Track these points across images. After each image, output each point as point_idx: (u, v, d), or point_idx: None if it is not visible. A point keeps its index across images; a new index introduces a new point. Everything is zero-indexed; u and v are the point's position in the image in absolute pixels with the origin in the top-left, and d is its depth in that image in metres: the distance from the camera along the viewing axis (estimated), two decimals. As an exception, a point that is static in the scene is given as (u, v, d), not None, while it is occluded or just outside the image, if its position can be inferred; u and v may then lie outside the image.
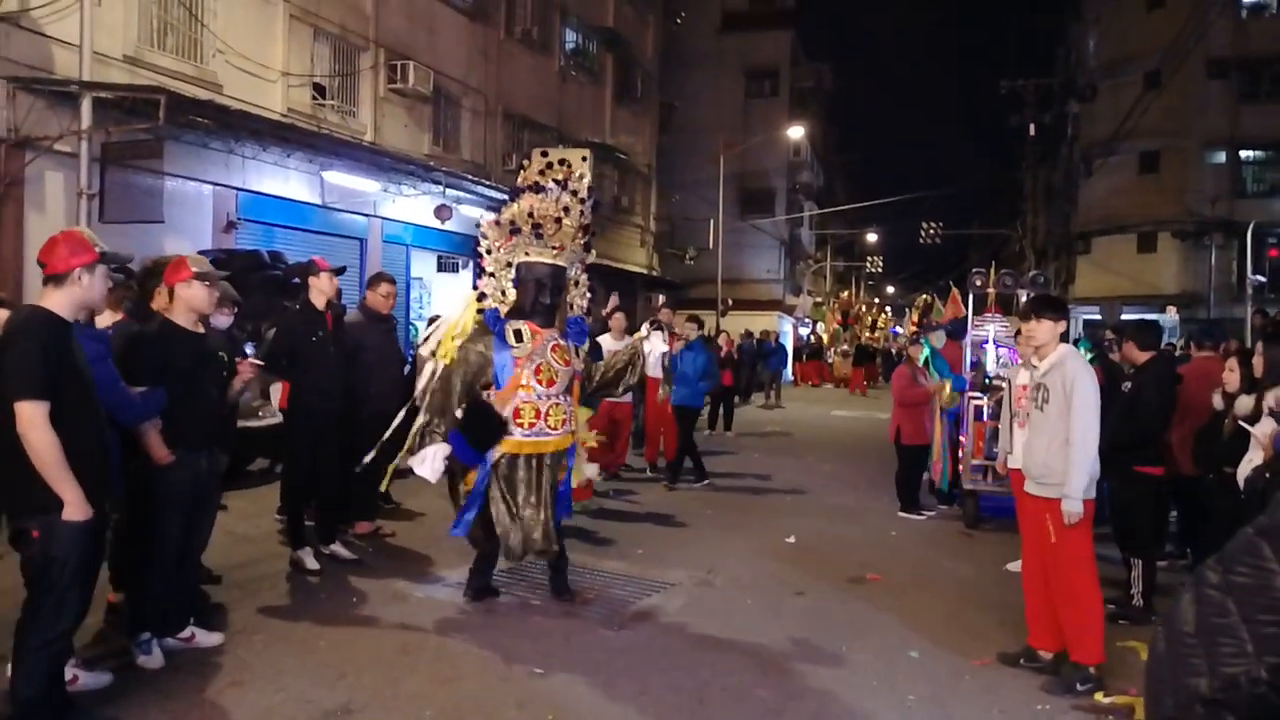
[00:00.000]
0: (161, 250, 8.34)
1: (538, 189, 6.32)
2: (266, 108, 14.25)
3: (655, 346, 9.75)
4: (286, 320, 7.33)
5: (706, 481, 11.49)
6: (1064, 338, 5.60)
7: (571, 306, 6.67)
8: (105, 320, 5.56)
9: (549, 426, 6.21)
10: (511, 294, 6.35)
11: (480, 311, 6.39)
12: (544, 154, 6.53)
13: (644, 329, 7.73)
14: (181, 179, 12.68)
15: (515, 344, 6.19)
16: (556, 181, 6.36)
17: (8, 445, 3.87)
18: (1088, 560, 5.36)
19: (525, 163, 6.55)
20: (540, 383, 6.17)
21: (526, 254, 6.35)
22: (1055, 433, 5.27)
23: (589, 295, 6.87)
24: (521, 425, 6.13)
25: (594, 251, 6.81)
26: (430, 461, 6.00)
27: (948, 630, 6.17)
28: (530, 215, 6.25)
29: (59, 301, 4.09)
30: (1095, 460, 5.25)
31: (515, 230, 6.31)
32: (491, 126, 21.19)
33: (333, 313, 7.20)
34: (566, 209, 6.31)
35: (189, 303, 5.13)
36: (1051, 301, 5.69)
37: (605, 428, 9.66)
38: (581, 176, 6.44)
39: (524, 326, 6.24)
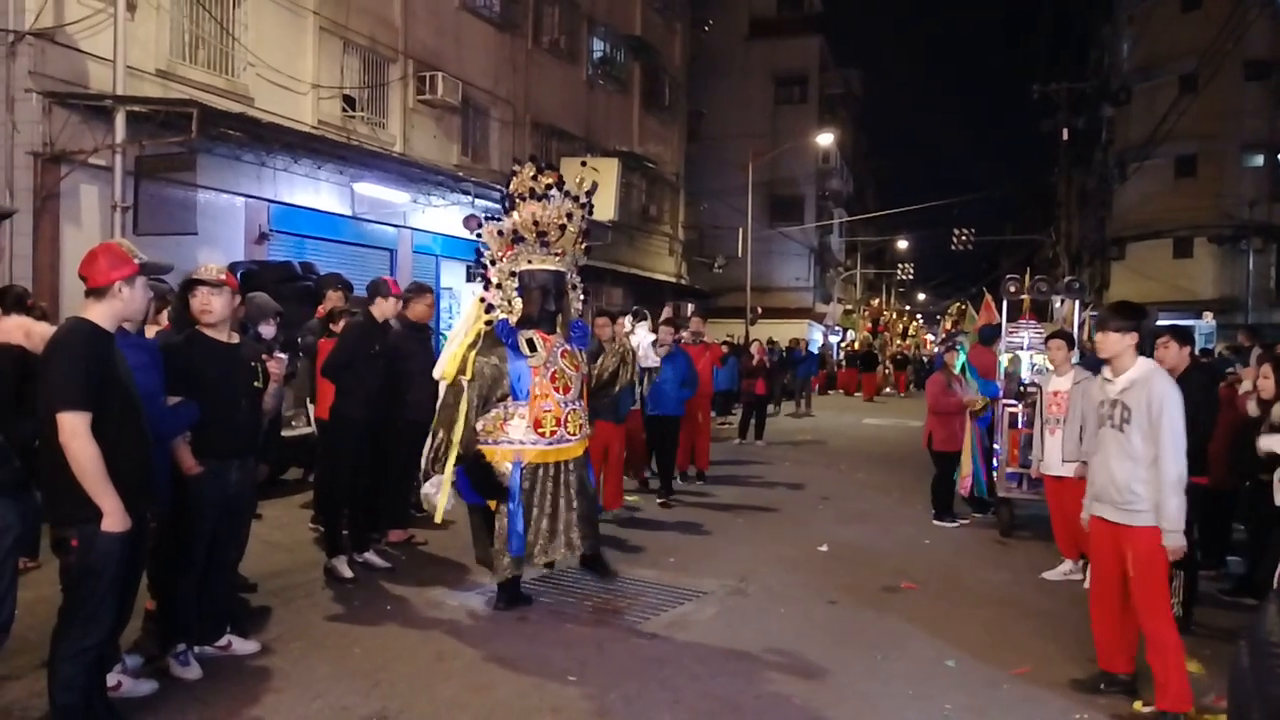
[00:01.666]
0: (195, 262, 8.40)
1: (538, 196, 6.37)
2: (297, 120, 14.38)
3: (642, 338, 9.72)
4: (349, 330, 7.38)
5: (663, 501, 10.57)
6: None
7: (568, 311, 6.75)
8: (150, 330, 5.59)
9: (569, 433, 6.32)
10: (518, 304, 6.41)
11: (488, 323, 6.39)
12: (532, 159, 6.68)
13: (625, 321, 7.75)
14: (214, 191, 12.80)
15: (529, 353, 6.25)
16: (557, 188, 6.42)
17: (51, 455, 3.91)
18: (1166, 597, 5.04)
19: (516, 169, 6.61)
20: (558, 390, 6.27)
21: (529, 261, 6.41)
22: (1139, 455, 4.87)
23: (583, 299, 6.93)
24: (544, 434, 6.22)
25: (589, 253, 6.93)
26: (438, 493, 6.19)
27: (984, 639, 6.10)
28: (535, 223, 6.32)
29: (100, 313, 4.12)
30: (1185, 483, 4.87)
31: (518, 239, 6.37)
32: (520, 136, 21.27)
33: (382, 327, 7.32)
34: (569, 215, 6.40)
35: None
36: (1119, 310, 5.14)
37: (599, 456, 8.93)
38: (581, 182, 6.57)
39: (535, 335, 6.32)
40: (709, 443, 12.90)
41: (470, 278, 20.16)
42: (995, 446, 9.72)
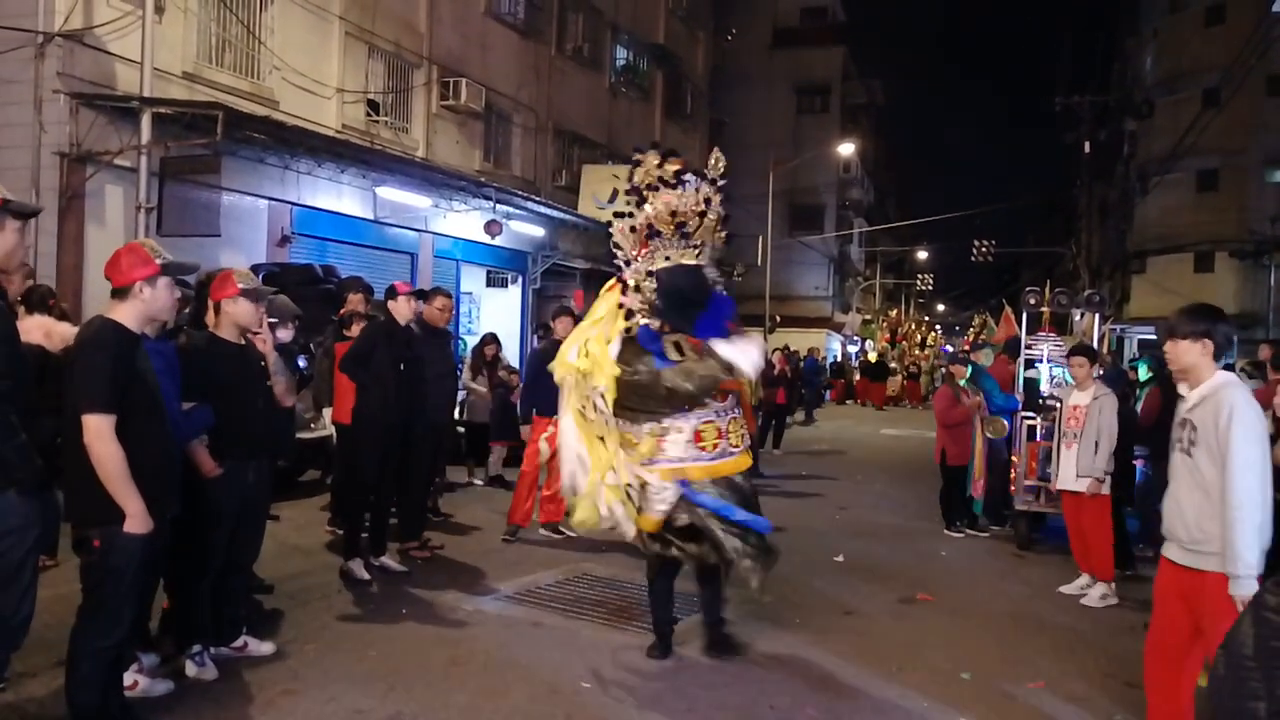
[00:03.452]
0: (218, 263, 8.48)
1: (670, 184, 5.54)
2: (321, 124, 14.47)
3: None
4: (370, 330, 7.41)
5: None
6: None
7: None
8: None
9: (732, 445, 5.58)
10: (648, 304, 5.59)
11: (628, 330, 5.57)
12: (654, 146, 5.81)
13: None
14: (238, 193, 12.88)
15: (679, 359, 5.48)
16: (695, 172, 5.64)
17: (75, 456, 3.94)
18: None
19: (638, 158, 5.72)
20: (714, 397, 5.55)
21: (667, 258, 5.61)
22: (1210, 485, 4.05)
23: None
24: (705, 449, 5.49)
25: (730, 243, 6.04)
26: (622, 521, 5.49)
27: (1000, 653, 6.07)
28: (672, 214, 5.53)
29: (125, 314, 4.15)
30: (1268, 524, 3.96)
31: (654, 234, 5.59)
32: (542, 143, 21.34)
33: (407, 333, 7.33)
34: (708, 200, 5.62)
35: (235, 319, 5.17)
36: (1191, 313, 4.32)
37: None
38: (718, 162, 5.78)
39: (682, 339, 5.55)
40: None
41: (491, 282, 20.29)
42: (1013, 459, 9.67)
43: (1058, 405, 8.21)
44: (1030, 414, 9.53)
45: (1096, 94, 33.32)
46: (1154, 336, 26.90)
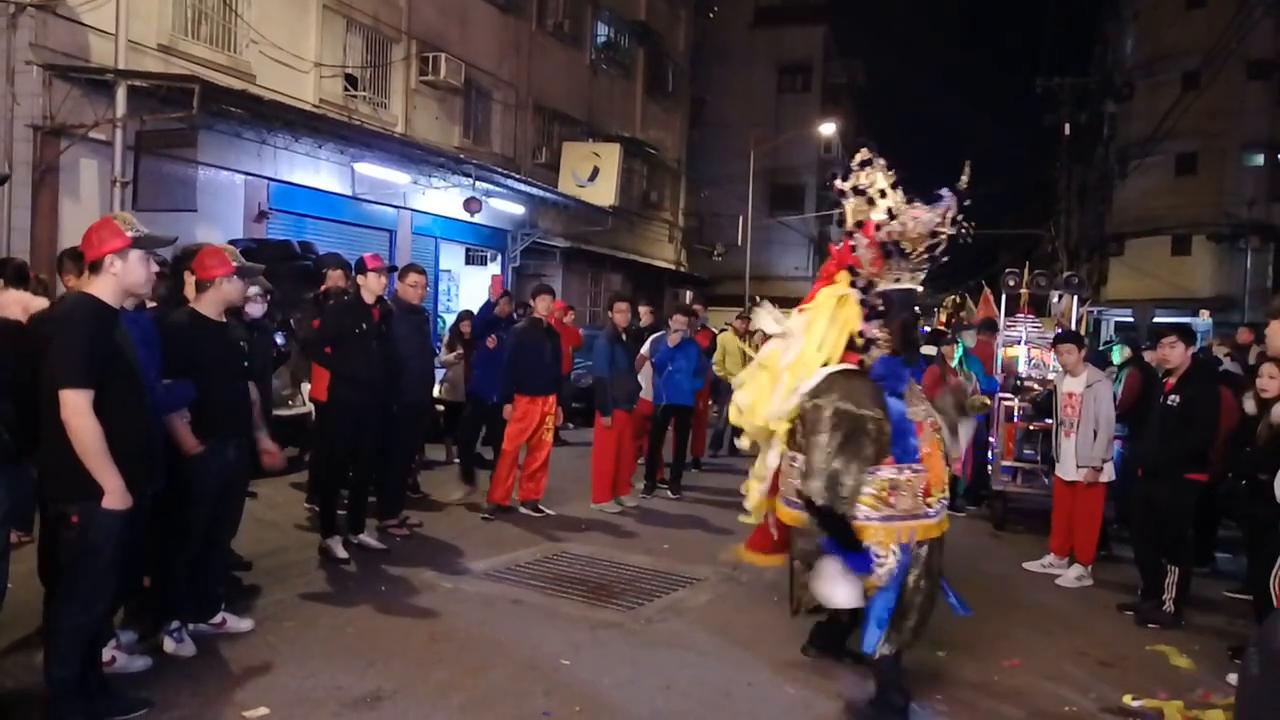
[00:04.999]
0: (194, 239, 8.38)
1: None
2: (299, 98, 14.31)
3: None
4: (333, 310, 7.35)
5: (675, 492, 10.43)
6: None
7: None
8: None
9: (944, 496, 4.87)
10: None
11: (861, 363, 4.85)
12: (866, 146, 4.99)
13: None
14: (214, 168, 12.77)
15: (912, 402, 4.88)
16: (950, 189, 4.84)
17: (53, 432, 3.90)
18: None
19: (866, 152, 4.93)
20: (933, 446, 4.84)
21: (897, 280, 4.84)
22: None
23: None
24: (931, 504, 4.73)
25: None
26: (845, 585, 4.71)
27: (976, 631, 6.10)
28: (932, 234, 4.76)
29: (101, 288, 4.11)
30: None
31: (894, 253, 4.76)
32: (522, 120, 21.21)
33: (381, 308, 7.24)
34: (951, 220, 4.79)
35: (227, 296, 5.16)
36: None
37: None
38: (966, 175, 4.93)
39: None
40: (705, 430, 12.91)
41: (470, 260, 20.17)
42: (990, 440, 9.73)
43: (1050, 392, 8.21)
44: (1008, 395, 9.58)
45: (1077, 76, 33.37)
46: (1131, 319, 27.18)
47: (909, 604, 4.71)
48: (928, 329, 11.08)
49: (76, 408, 3.86)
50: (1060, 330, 9.55)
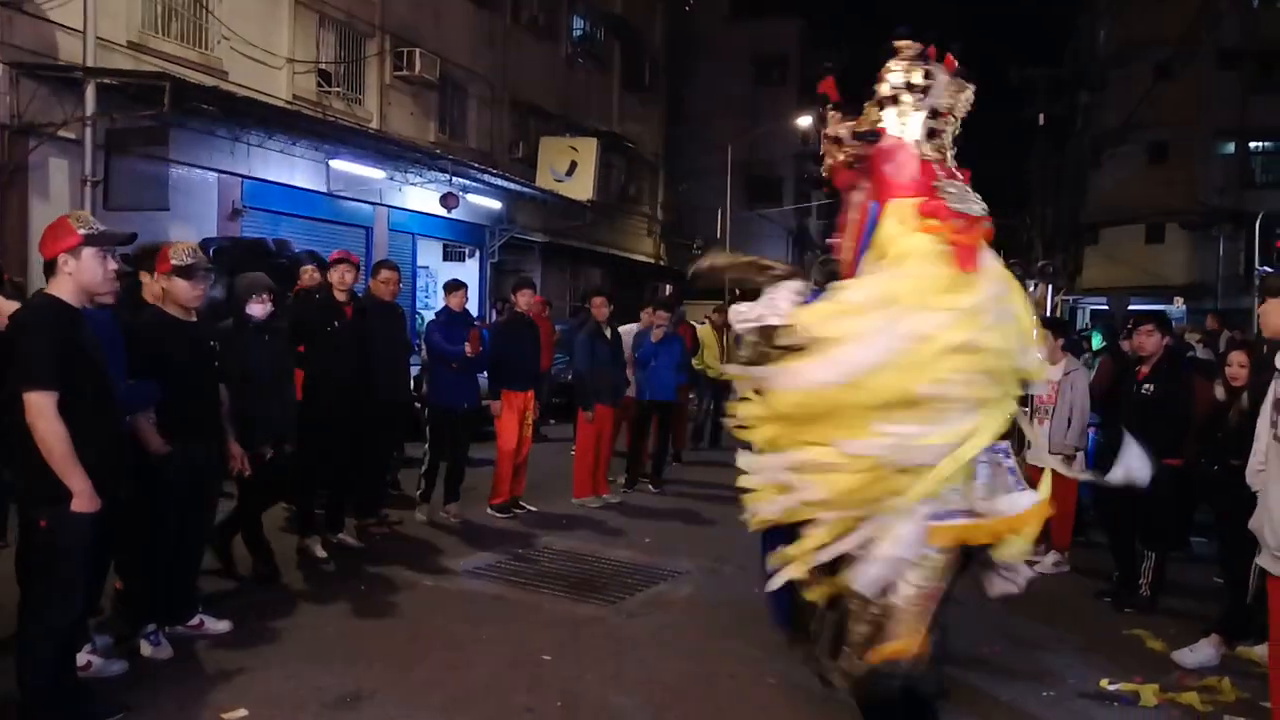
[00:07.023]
0: (167, 238, 8.28)
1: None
2: (272, 95, 14.18)
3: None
4: (294, 307, 7.29)
5: (657, 487, 10.43)
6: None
7: None
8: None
9: None
10: None
11: None
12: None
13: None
14: (187, 166, 12.64)
15: None
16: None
17: (20, 435, 3.85)
18: None
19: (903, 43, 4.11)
20: None
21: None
22: None
23: None
24: None
25: None
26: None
27: (957, 619, 6.12)
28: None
29: (60, 288, 4.06)
30: None
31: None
32: (498, 114, 21.12)
33: (355, 305, 7.17)
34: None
35: (171, 296, 5.07)
36: None
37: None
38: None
39: None
40: (686, 423, 12.92)
41: (448, 256, 20.08)
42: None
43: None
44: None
45: (1051, 67, 33.54)
46: (1106, 307, 27.34)
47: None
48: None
49: (40, 410, 3.80)
50: (1042, 318, 9.59)
